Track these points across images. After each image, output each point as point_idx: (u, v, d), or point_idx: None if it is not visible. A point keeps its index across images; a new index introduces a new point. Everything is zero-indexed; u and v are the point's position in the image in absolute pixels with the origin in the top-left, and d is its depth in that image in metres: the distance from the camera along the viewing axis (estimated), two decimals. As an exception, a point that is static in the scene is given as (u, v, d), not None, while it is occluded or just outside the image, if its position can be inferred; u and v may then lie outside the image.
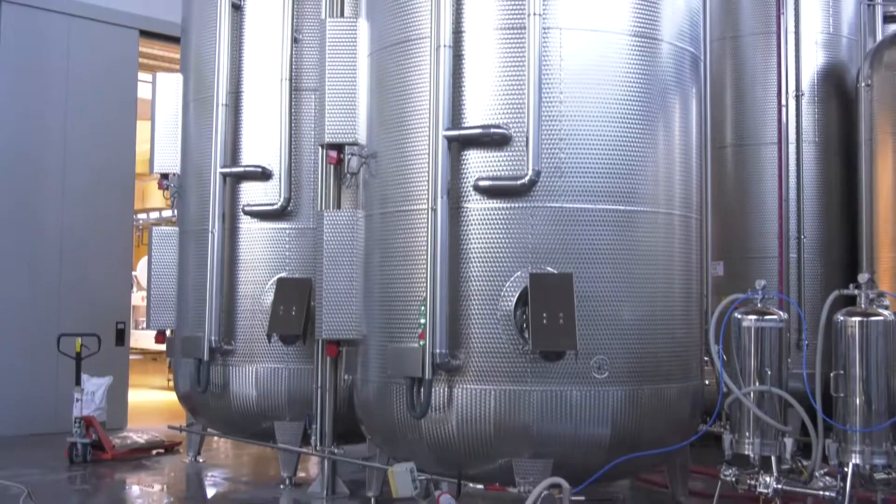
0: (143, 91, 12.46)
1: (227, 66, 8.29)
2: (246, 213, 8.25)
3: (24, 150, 11.10)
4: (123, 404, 11.42)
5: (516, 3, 6.17)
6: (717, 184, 9.18)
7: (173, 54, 11.96)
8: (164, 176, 9.16)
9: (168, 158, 9.04)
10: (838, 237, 10.48)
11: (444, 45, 6.13)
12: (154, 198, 21.59)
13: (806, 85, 10.38)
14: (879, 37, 11.10)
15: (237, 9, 8.40)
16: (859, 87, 10.15)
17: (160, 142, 9.04)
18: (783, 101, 10.03)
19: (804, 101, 10.28)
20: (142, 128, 11.85)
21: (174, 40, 10.67)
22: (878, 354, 6.16)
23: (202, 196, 8.42)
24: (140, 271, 18.27)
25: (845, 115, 10.69)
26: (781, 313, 6.60)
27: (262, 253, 8.23)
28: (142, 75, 12.76)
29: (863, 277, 6.31)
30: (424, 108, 6.27)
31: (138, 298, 17.12)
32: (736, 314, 6.55)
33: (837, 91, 10.65)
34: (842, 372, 6.17)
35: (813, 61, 10.50)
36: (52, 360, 10.25)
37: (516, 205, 6.10)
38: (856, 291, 6.31)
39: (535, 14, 6.03)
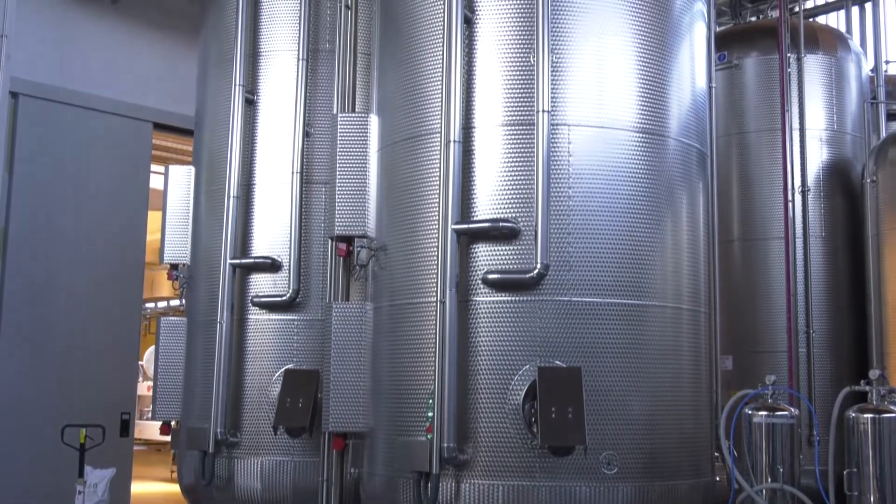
0: (156, 182, 12.61)
1: (238, 158, 8.41)
2: (255, 304, 8.27)
3: (36, 237, 11.19)
4: (126, 496, 11.25)
5: (525, 99, 6.28)
6: (725, 278, 9.19)
7: (186, 146, 12.14)
8: (174, 266, 9.20)
9: (178, 249, 9.09)
10: (848, 331, 10.45)
11: (454, 141, 6.21)
12: (162, 286, 21.66)
13: (812, 180, 10.48)
14: (883, 134, 11.25)
15: (250, 103, 8.55)
16: (865, 184, 10.24)
17: (171, 232, 9.11)
18: (789, 197, 10.10)
19: (810, 196, 10.37)
20: (153, 218, 11.97)
21: (187, 133, 10.83)
22: (892, 452, 6.09)
23: (211, 287, 8.45)
24: (147, 361, 18.23)
25: (851, 210, 10.76)
26: (792, 409, 6.56)
27: (269, 344, 8.22)
28: (154, 166, 12.94)
29: (874, 374, 6.28)
30: (434, 201, 6.33)
31: (144, 388, 17.04)
32: (746, 410, 6.50)
33: (843, 187, 10.74)
34: (855, 470, 6.09)
35: (818, 157, 10.63)
36: (56, 449, 10.15)
37: (525, 298, 6.11)
38: (867, 388, 6.27)
39: (543, 111, 6.13)
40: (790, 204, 10.15)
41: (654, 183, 6.47)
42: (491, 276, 6.16)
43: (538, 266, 6.02)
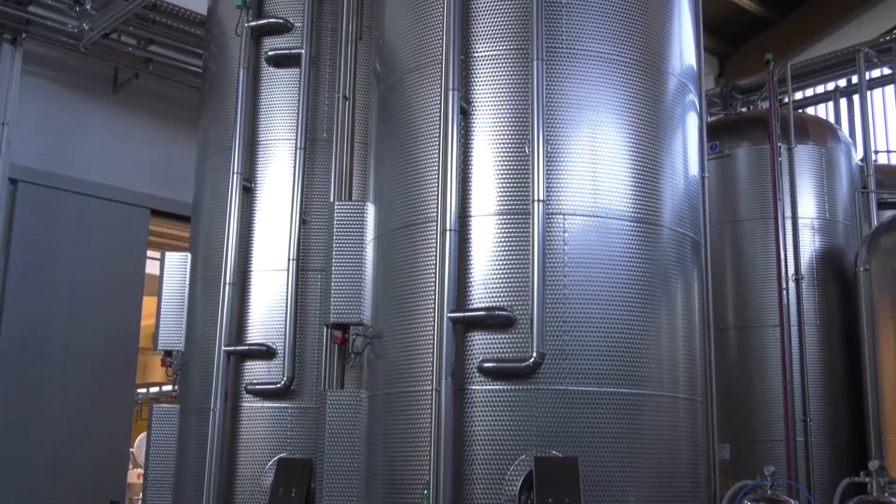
0: (152, 267, 12.64)
1: (235, 245, 8.44)
2: (249, 391, 8.21)
3: (30, 320, 11.19)
4: (114, 587, 11.03)
5: (520, 188, 6.34)
6: (721, 366, 9.17)
7: (183, 233, 12.22)
8: (168, 353, 9.15)
9: (173, 336, 9.06)
10: (845, 420, 10.40)
11: (450, 230, 6.25)
12: (155, 371, 21.50)
13: (805, 268, 10.54)
14: (875, 223, 11.36)
15: (248, 191, 8.63)
16: (858, 272, 10.31)
17: (166, 319, 9.08)
18: (783, 284, 10.15)
19: (804, 284, 10.42)
20: (147, 303, 11.97)
21: (184, 219, 10.90)
22: (893, 545, 6.01)
23: (205, 374, 8.40)
24: (137, 448, 17.99)
25: (845, 298, 10.80)
26: (792, 501, 6.47)
27: (263, 432, 8.14)
28: (151, 252, 12.99)
29: (873, 465, 6.23)
30: (430, 289, 6.34)
31: (134, 475, 16.77)
32: (745, 501, 6.42)
33: (836, 275, 10.80)
34: (856, 564, 6.00)
35: (810, 245, 10.71)
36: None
37: (521, 387, 6.08)
38: (867, 479, 6.21)
39: (538, 200, 6.19)
40: (784, 291, 10.19)
41: (649, 271, 6.50)
42: (487, 365, 6.14)
43: (534, 355, 6.01)
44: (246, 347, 8.32)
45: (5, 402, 10.74)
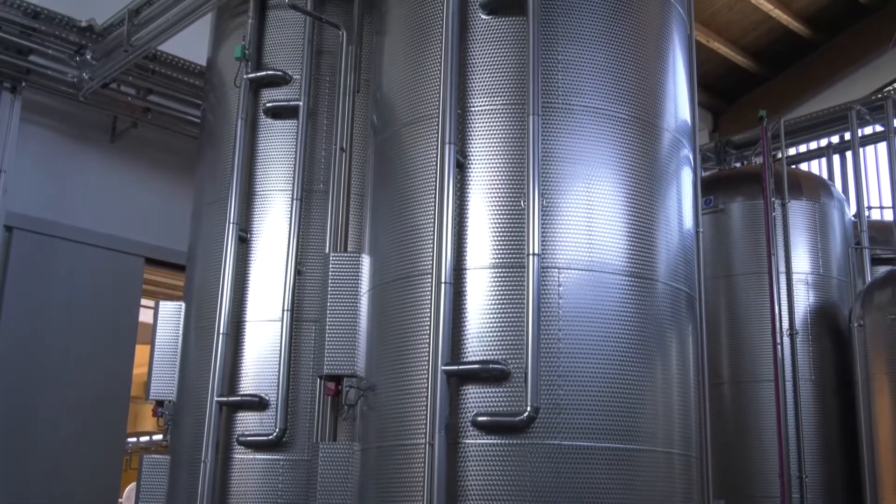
0: (145, 316, 12.62)
1: (230, 295, 8.43)
2: (240, 443, 8.15)
3: (22, 368, 11.14)
4: None
5: (515, 242, 6.36)
6: (715, 421, 9.14)
7: (177, 281, 12.20)
8: (160, 403, 9.10)
9: (165, 385, 9.01)
10: (841, 477, 10.34)
11: (445, 282, 6.26)
12: (146, 420, 21.36)
13: (799, 323, 10.55)
14: (868, 278, 11.39)
15: (243, 241, 8.63)
16: (852, 328, 10.32)
17: (158, 369, 9.04)
18: (778, 339, 10.15)
19: (799, 339, 10.43)
20: (140, 351, 11.92)
21: (179, 268, 10.90)
22: None
23: (197, 424, 8.33)
24: (126, 499, 17.80)
25: (840, 353, 10.80)
26: (787, 559, 6.41)
27: (254, 484, 8.05)
28: (145, 301, 12.97)
29: (869, 523, 6.17)
30: (424, 342, 6.33)
31: (122, 527, 16.58)
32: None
33: (830, 330, 10.80)
34: None
35: (805, 300, 10.73)
36: None
37: (515, 441, 6.04)
38: (863, 538, 6.16)
39: (533, 254, 6.20)
40: (779, 346, 10.19)
41: (643, 326, 6.50)
42: (480, 419, 6.10)
43: (528, 409, 5.98)
44: (238, 398, 8.27)
45: (-5, 450, 10.66)
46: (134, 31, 10.61)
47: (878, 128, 14.32)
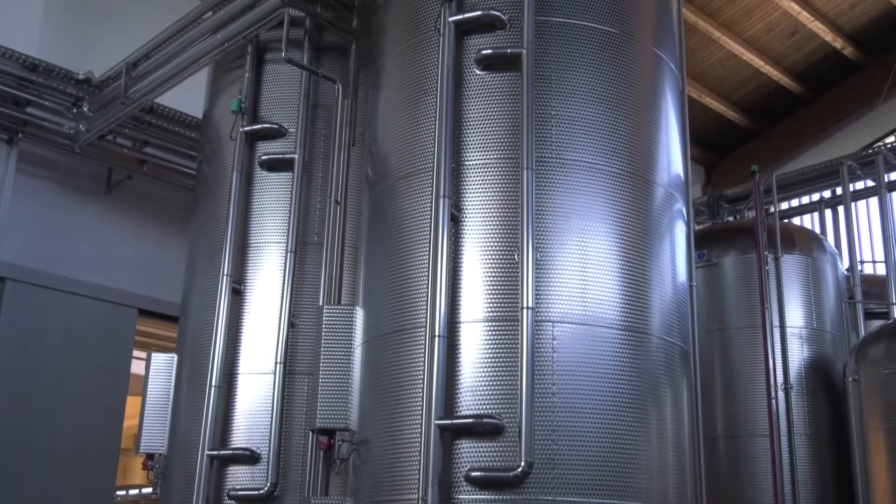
0: (137, 367, 12.55)
1: (222, 347, 8.40)
2: (231, 497, 8.05)
3: (14, 418, 11.05)
4: None
5: (509, 295, 6.35)
6: (710, 476, 9.07)
7: (170, 333, 12.16)
8: (150, 456, 9.01)
9: (156, 439, 8.93)
10: (837, 533, 10.24)
11: (439, 336, 6.24)
12: (135, 473, 21.14)
13: (794, 378, 10.53)
14: (862, 332, 11.39)
15: (237, 293, 8.62)
16: (847, 382, 10.30)
17: (149, 421, 8.96)
18: (773, 394, 10.12)
19: (793, 393, 10.39)
20: (131, 403, 11.85)
21: (172, 319, 10.88)
22: None
23: (188, 478, 8.25)
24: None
25: (835, 408, 10.76)
26: None
27: (244, 540, 7.96)
28: (137, 352, 12.91)
29: (866, 581, 6.10)
30: (418, 396, 6.29)
31: (109, 583, 16.30)
32: None
33: (825, 384, 10.78)
34: None
35: (799, 355, 10.72)
36: None
37: (509, 497, 5.97)
38: None
39: (527, 307, 6.20)
40: (773, 401, 10.15)
41: (637, 381, 6.47)
42: (474, 474, 6.04)
43: (522, 464, 5.92)
44: (230, 452, 8.20)
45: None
46: (131, 84, 10.70)
47: (870, 182, 14.42)
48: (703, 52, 18.95)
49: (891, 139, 18.67)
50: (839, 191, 14.19)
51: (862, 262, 13.53)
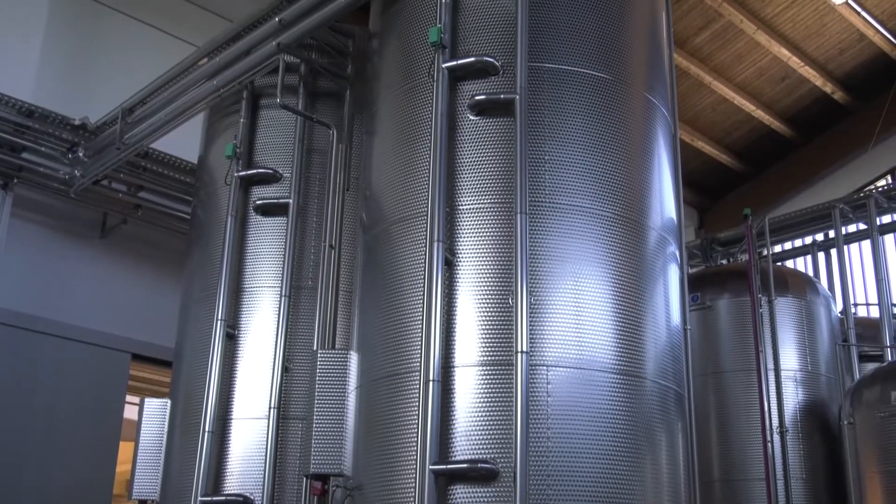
0: (130, 412, 12.48)
1: (216, 392, 8.36)
2: (224, 543, 7.99)
3: (6, 463, 10.97)
4: None
5: (504, 339, 6.35)
6: (707, 521, 9.03)
7: (163, 378, 12.11)
8: (143, 502, 8.93)
9: (148, 484, 8.86)
10: (835, 579, 10.15)
11: (433, 380, 6.23)
12: (127, 521, 20.89)
13: (789, 421, 10.50)
14: (857, 375, 11.39)
15: (231, 337, 8.61)
16: (842, 425, 10.27)
17: (142, 467, 8.90)
18: (768, 437, 10.09)
19: (789, 437, 10.36)
20: (123, 448, 11.76)
21: (166, 364, 10.84)
22: None
23: (180, 525, 8.19)
24: None
25: (831, 451, 10.72)
26: None
27: (237, 588, 7.87)
28: (130, 397, 12.84)
29: None
30: (412, 441, 6.27)
31: None
32: None
33: (821, 427, 10.75)
34: None
35: (794, 398, 10.71)
36: None
37: (504, 543, 5.93)
38: None
39: (521, 351, 6.19)
40: (769, 444, 10.11)
41: (632, 424, 6.46)
42: (469, 520, 6.01)
43: (517, 509, 5.89)
44: (223, 498, 8.13)
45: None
46: (127, 130, 10.76)
47: (862, 226, 14.50)
48: (694, 97, 19.13)
49: (882, 183, 18.83)
50: (832, 234, 14.27)
51: (856, 305, 13.58)
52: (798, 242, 16.10)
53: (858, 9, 17.74)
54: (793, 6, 17.50)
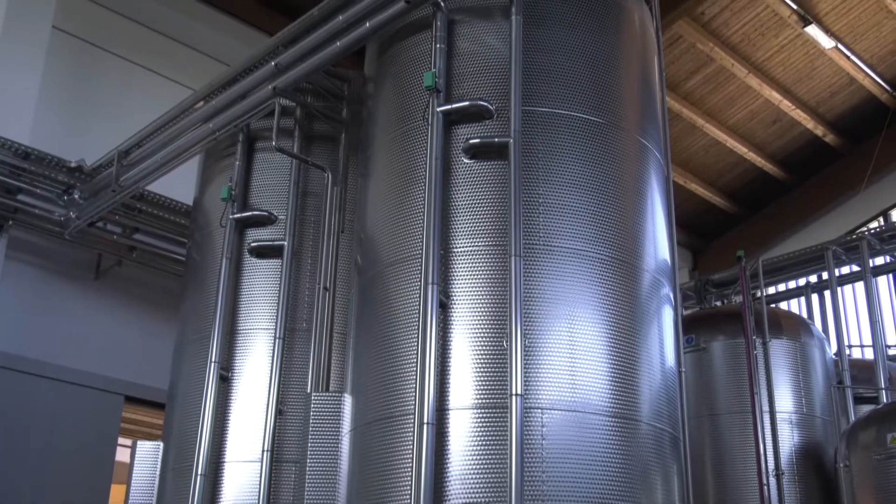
0: (122, 454, 12.40)
1: (209, 435, 8.31)
2: (216, 589, 7.91)
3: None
4: None
5: (498, 382, 6.34)
6: (703, 565, 8.96)
7: (156, 420, 12.04)
8: (135, 546, 8.86)
9: (140, 528, 8.80)
10: None
11: (427, 423, 6.21)
12: (118, 566, 20.65)
13: (785, 463, 10.47)
14: (852, 417, 11.36)
15: (225, 380, 8.58)
16: (838, 468, 10.24)
17: (134, 511, 8.84)
18: (764, 480, 10.05)
19: (785, 479, 10.32)
20: (115, 491, 11.66)
21: (159, 406, 10.78)
22: None
23: (172, 570, 8.10)
24: None
25: (827, 493, 10.68)
26: None
27: None
28: (122, 439, 12.76)
29: None
30: (406, 484, 6.23)
31: None
32: None
33: (817, 470, 10.71)
34: None
35: (789, 440, 10.68)
36: None
37: (499, 588, 5.88)
38: None
39: (516, 394, 6.18)
40: (766, 487, 10.07)
41: (628, 468, 6.43)
42: (464, 564, 5.97)
43: (512, 554, 5.85)
44: (215, 542, 8.07)
45: None
46: (123, 172, 10.79)
47: (855, 267, 14.55)
48: (687, 139, 19.28)
49: (874, 225, 18.93)
50: (825, 275, 14.31)
51: (850, 347, 13.58)
52: (792, 284, 16.14)
53: (848, 53, 17.95)
54: (784, 50, 17.70)
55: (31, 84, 12.28)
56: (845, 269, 15.02)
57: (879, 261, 14.69)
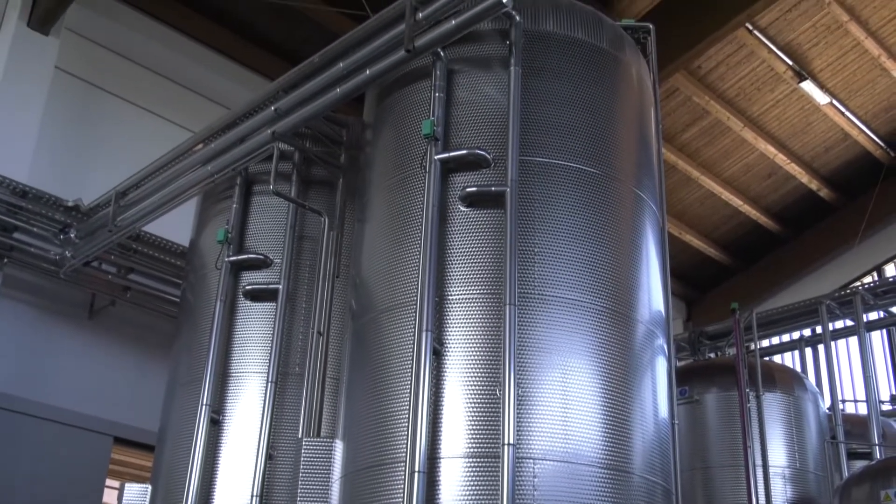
0: (109, 496, 12.27)
1: (198, 478, 8.24)
2: None
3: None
4: None
5: (490, 431, 6.31)
6: None
7: (145, 462, 11.94)
8: (119, 591, 8.74)
9: (126, 573, 8.68)
10: None
11: (419, 471, 6.17)
12: None
13: (778, 520, 10.39)
14: (845, 473, 11.31)
15: (215, 423, 8.52)
16: (832, 529, 10.15)
17: (120, 557, 8.73)
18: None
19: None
20: (102, 536, 11.54)
21: (148, 448, 10.69)
22: None
23: None
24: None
25: (821, 550, 10.58)
26: None
27: None
28: (110, 481, 12.64)
29: None
30: (396, 533, 6.19)
31: None
32: None
33: (812, 524, 10.63)
34: None
35: (782, 495, 10.62)
36: None
37: None
38: None
39: (508, 444, 6.15)
40: (759, 546, 10.00)
41: (619, 520, 6.39)
42: None
43: None
44: (202, 589, 7.97)
45: None
46: (119, 212, 10.80)
47: (849, 322, 14.56)
48: (682, 191, 19.39)
49: (868, 280, 18.99)
50: (819, 329, 14.32)
51: (843, 402, 13.54)
52: (786, 337, 16.14)
53: (843, 109, 18.13)
54: (779, 105, 17.87)
55: (32, 122, 12.34)
56: (839, 324, 15.03)
57: (873, 315, 14.72)
